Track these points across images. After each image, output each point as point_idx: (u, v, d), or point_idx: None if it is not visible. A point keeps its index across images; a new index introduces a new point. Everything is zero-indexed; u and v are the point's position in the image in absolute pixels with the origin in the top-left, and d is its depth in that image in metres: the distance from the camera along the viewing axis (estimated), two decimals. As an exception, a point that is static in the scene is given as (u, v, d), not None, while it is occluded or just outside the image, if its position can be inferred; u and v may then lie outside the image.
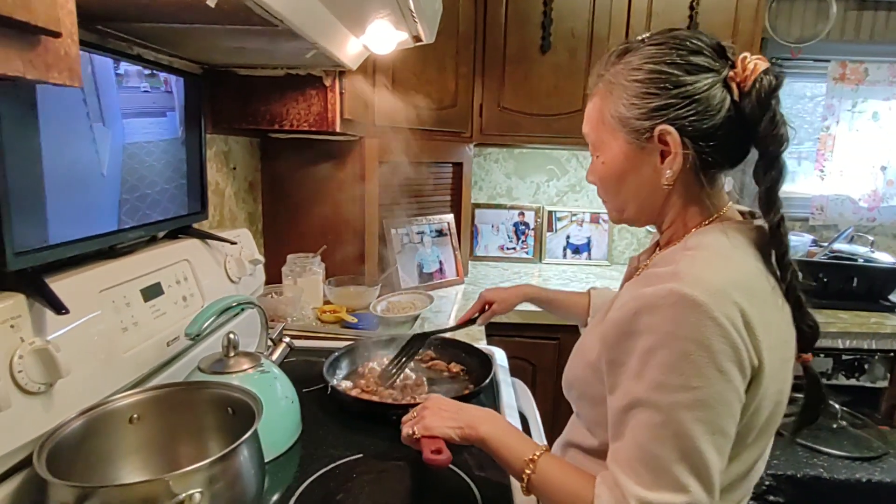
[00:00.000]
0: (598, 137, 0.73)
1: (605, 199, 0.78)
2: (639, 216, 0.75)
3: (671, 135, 0.66)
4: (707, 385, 0.57)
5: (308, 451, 0.88)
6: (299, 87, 1.29)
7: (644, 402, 0.60)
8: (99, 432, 0.70)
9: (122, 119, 0.83)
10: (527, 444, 0.70)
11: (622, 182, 0.72)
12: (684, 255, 0.65)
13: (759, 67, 0.64)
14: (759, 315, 0.60)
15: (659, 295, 0.60)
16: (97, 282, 0.78)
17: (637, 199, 0.73)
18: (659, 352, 0.59)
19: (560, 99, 1.96)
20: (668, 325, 0.58)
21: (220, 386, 0.78)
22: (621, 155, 0.70)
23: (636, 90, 0.67)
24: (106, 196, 0.81)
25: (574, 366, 0.78)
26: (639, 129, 0.68)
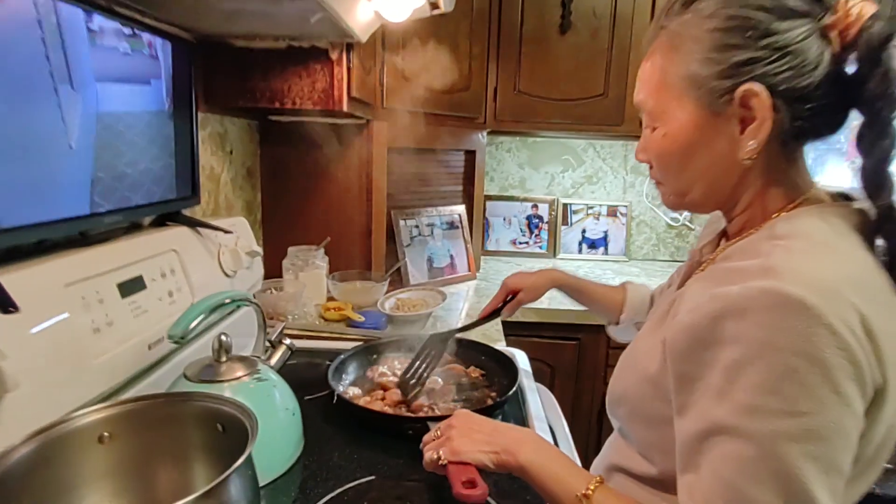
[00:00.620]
0: (657, 105, 0.61)
1: (663, 181, 0.65)
2: (705, 200, 0.63)
3: (758, 96, 0.53)
4: (820, 410, 0.45)
5: (311, 473, 0.76)
6: (302, 60, 1.16)
7: (731, 430, 0.48)
8: (59, 456, 0.58)
9: (96, 83, 0.71)
10: (577, 474, 0.58)
11: (689, 158, 0.60)
12: (774, 245, 0.53)
13: (865, 13, 0.52)
14: (880, 320, 0.48)
15: (749, 295, 0.48)
16: (62, 274, 0.65)
17: (706, 179, 0.61)
18: (751, 367, 0.47)
19: (580, 83, 1.84)
20: (765, 334, 0.47)
21: (208, 398, 0.66)
22: (690, 124, 0.58)
23: (713, 42, 0.55)
24: (75, 173, 0.68)
25: (625, 378, 0.66)
26: (716, 91, 0.56)
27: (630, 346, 0.70)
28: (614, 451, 0.71)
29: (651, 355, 0.61)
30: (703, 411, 0.50)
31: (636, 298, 1.01)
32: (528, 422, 0.93)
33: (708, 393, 0.50)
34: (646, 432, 0.63)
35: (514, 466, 0.60)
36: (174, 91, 0.89)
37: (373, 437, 0.84)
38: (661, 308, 0.66)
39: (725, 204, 0.63)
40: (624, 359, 0.70)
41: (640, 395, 0.62)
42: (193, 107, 0.95)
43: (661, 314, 0.65)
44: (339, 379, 0.98)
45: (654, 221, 2.32)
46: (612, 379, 0.71)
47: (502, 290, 1.08)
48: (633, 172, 2.29)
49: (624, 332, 1.04)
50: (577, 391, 1.68)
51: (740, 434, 0.47)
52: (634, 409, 0.64)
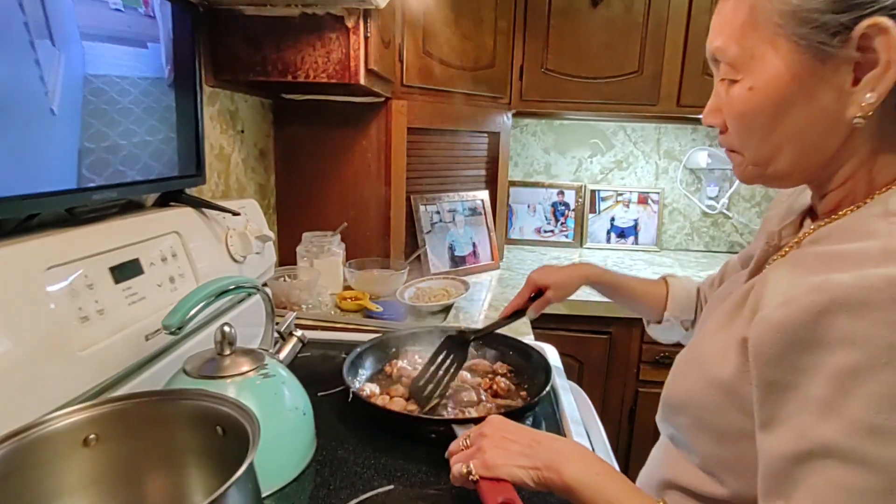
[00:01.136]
0: (742, 51, 0.50)
1: (741, 147, 0.54)
2: (794, 170, 0.52)
3: (887, 34, 0.43)
4: None
5: (323, 480, 0.68)
6: (317, 29, 1.08)
7: (842, 454, 0.39)
8: (36, 462, 0.51)
9: (82, 41, 0.63)
10: (636, 497, 0.49)
11: (781, 116, 0.49)
12: (893, 223, 0.43)
13: None
14: None
15: (868, 286, 0.38)
16: (43, 256, 0.58)
17: (800, 143, 0.50)
18: (872, 375, 0.38)
19: (612, 60, 1.72)
20: (891, 335, 0.37)
21: (206, 397, 0.58)
22: (786, 73, 0.48)
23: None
24: (59, 142, 0.61)
25: (687, 382, 0.57)
26: (827, 28, 0.45)
27: (692, 346, 0.60)
28: (668, 464, 0.61)
29: (723, 357, 0.51)
30: (802, 428, 0.41)
31: (680, 293, 0.91)
32: (563, 426, 0.83)
33: (808, 406, 0.41)
34: (714, 447, 0.53)
35: (559, 485, 0.51)
36: (175, 58, 0.81)
37: (392, 440, 0.76)
38: (732, 301, 0.56)
39: (819, 175, 0.52)
40: (684, 360, 0.60)
41: (709, 405, 0.53)
42: (198, 77, 0.87)
43: (732, 307, 0.55)
44: (354, 374, 0.90)
45: (688, 209, 2.19)
46: (670, 382, 0.61)
47: (527, 287, 0.96)
48: (666, 157, 2.16)
49: (667, 332, 0.93)
50: (608, 389, 1.58)
51: (856, 459, 0.38)
52: (700, 419, 0.54)
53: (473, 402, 0.83)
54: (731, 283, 0.68)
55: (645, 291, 0.95)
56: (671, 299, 0.92)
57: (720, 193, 2.13)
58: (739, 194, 2.15)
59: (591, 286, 0.98)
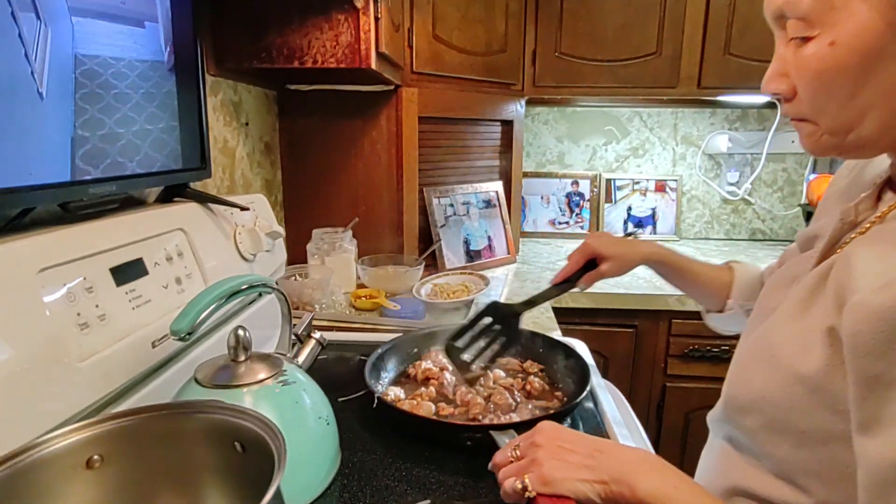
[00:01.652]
0: (819, 1, 0.44)
1: (816, 114, 0.48)
2: (880, 135, 0.46)
3: None
4: None
5: (352, 495, 0.62)
6: (324, 10, 1.01)
7: None
8: (36, 487, 0.45)
9: (71, 17, 0.56)
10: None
11: (869, 74, 0.43)
12: None
13: None
14: None
15: None
16: (36, 256, 0.52)
17: (892, 103, 0.44)
18: None
19: (629, 41, 1.64)
20: None
21: (223, 410, 0.52)
22: (879, 22, 0.42)
23: None
24: (48, 128, 0.54)
25: (759, 378, 0.50)
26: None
27: (758, 337, 0.54)
28: (732, 469, 0.55)
29: (803, 349, 0.46)
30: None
31: (746, 280, 0.83)
32: (606, 428, 0.77)
33: None
34: (795, 451, 0.47)
35: (630, 501, 0.45)
36: (175, 40, 0.75)
37: (423, 449, 0.70)
38: (807, 285, 0.50)
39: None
40: (751, 353, 0.54)
41: (788, 404, 0.47)
42: (200, 62, 0.81)
43: (807, 293, 0.49)
44: (377, 377, 0.84)
45: (707, 196, 2.12)
46: (734, 379, 0.55)
47: (582, 254, 0.86)
48: (683, 143, 2.09)
49: (730, 321, 0.86)
50: (634, 384, 1.51)
51: None
52: (776, 420, 0.48)
53: (510, 405, 0.77)
54: (792, 266, 0.62)
55: (710, 276, 0.86)
56: (736, 285, 0.84)
57: (741, 179, 2.06)
58: (761, 179, 2.08)
59: (650, 266, 0.88)
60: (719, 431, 0.59)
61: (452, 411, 0.77)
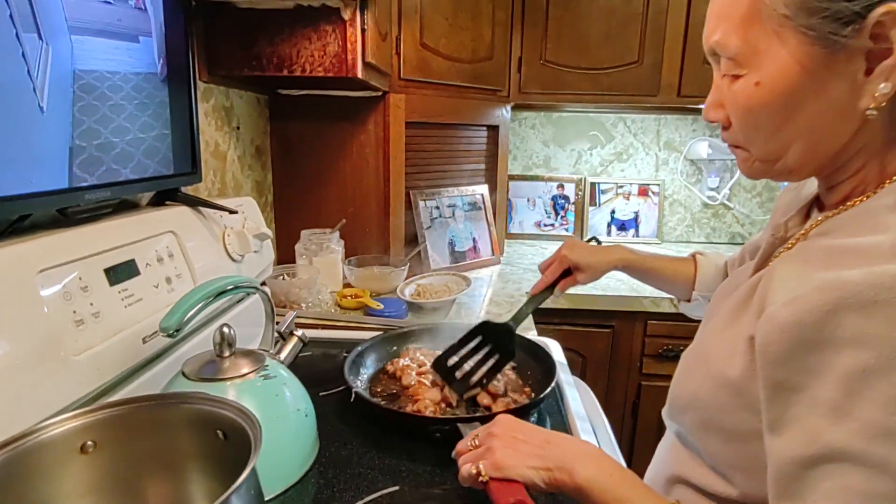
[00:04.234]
0: (746, 44, 0.48)
1: (747, 143, 0.53)
2: (804, 164, 0.51)
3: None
4: None
5: (327, 482, 0.67)
6: (312, 21, 1.05)
7: (854, 457, 0.38)
8: (33, 470, 0.50)
9: (70, 35, 0.61)
10: (650, 498, 0.48)
11: (790, 111, 0.47)
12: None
13: None
14: None
15: (878, 283, 0.37)
16: (35, 259, 0.56)
17: (810, 137, 0.48)
18: (885, 377, 0.37)
19: (612, 50, 1.69)
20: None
21: (206, 401, 0.56)
22: (795, 66, 0.46)
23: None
24: (48, 140, 0.59)
25: (694, 380, 0.55)
26: (838, 18, 0.43)
27: (698, 342, 0.59)
28: (676, 461, 0.60)
29: (730, 355, 0.50)
30: (812, 431, 0.40)
31: (709, 270, 0.89)
32: (569, 422, 0.82)
33: (818, 408, 0.40)
34: (723, 447, 0.52)
35: (571, 487, 0.50)
36: (168, 52, 0.79)
37: (396, 440, 0.75)
38: (739, 295, 0.55)
39: (829, 167, 0.51)
40: (692, 356, 0.59)
41: (716, 404, 0.51)
42: (192, 72, 0.85)
43: (737, 303, 0.54)
44: (356, 373, 0.88)
45: (689, 201, 2.17)
46: (677, 379, 0.60)
47: (558, 263, 0.92)
48: (666, 148, 2.14)
49: (697, 308, 0.93)
50: (611, 382, 1.57)
51: (870, 463, 0.37)
52: (708, 419, 0.53)
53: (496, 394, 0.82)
54: (736, 276, 0.67)
55: (675, 271, 0.93)
56: (699, 277, 0.90)
57: (721, 184, 2.12)
58: (740, 185, 2.14)
59: (623, 270, 0.94)
60: (671, 427, 0.65)
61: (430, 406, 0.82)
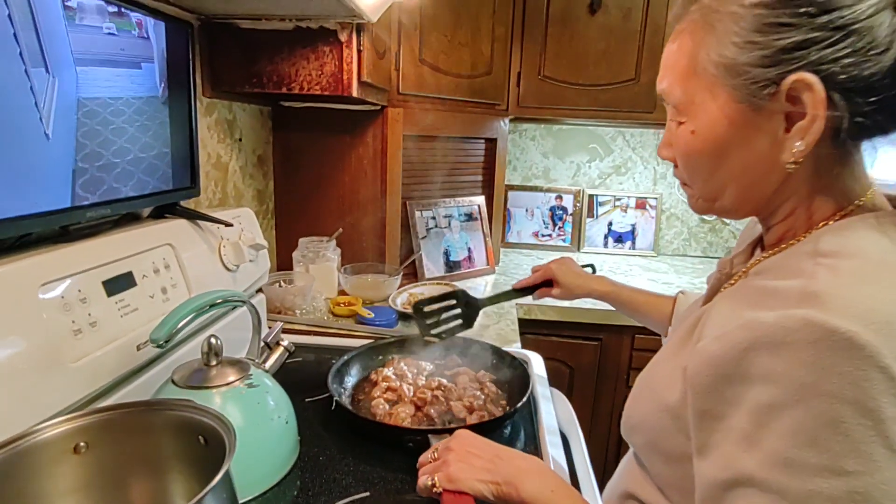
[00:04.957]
0: (685, 95, 0.52)
1: (690, 183, 0.57)
2: (738, 206, 0.55)
3: (811, 89, 0.45)
4: (869, 470, 0.38)
5: (303, 485, 0.72)
6: (311, 42, 1.10)
7: (760, 483, 0.41)
8: (27, 469, 0.55)
9: (76, 66, 0.66)
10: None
11: (721, 159, 0.52)
12: (818, 264, 0.45)
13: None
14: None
15: (788, 327, 0.41)
16: (38, 273, 0.61)
17: (740, 184, 0.52)
18: (787, 412, 0.40)
19: (609, 67, 1.73)
20: (805, 375, 0.39)
21: (189, 408, 0.61)
22: (724, 120, 0.50)
23: (757, 20, 0.46)
24: (53, 164, 0.64)
25: (642, 406, 0.59)
26: (757, 82, 0.47)
27: (648, 368, 0.63)
28: (630, 477, 0.64)
29: (671, 383, 0.54)
30: (728, 458, 0.44)
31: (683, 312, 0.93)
32: (540, 434, 0.86)
33: (732, 437, 0.43)
34: (663, 467, 0.56)
35: (516, 501, 0.54)
36: (170, 75, 0.84)
37: (371, 448, 0.79)
38: (685, 327, 0.58)
39: (763, 210, 0.55)
40: (641, 382, 0.63)
41: (658, 428, 0.55)
42: (192, 93, 0.90)
43: (684, 334, 0.58)
44: (340, 381, 0.93)
45: (686, 215, 2.19)
46: (629, 402, 0.64)
47: (542, 274, 1.03)
48: (664, 163, 2.16)
49: None
50: (598, 393, 1.60)
51: (771, 489, 0.40)
52: (651, 440, 0.57)
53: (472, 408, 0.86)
54: (690, 309, 0.70)
55: (653, 307, 0.98)
56: (675, 315, 0.94)
57: (718, 199, 2.13)
58: (738, 200, 2.15)
59: (601, 300, 1.03)
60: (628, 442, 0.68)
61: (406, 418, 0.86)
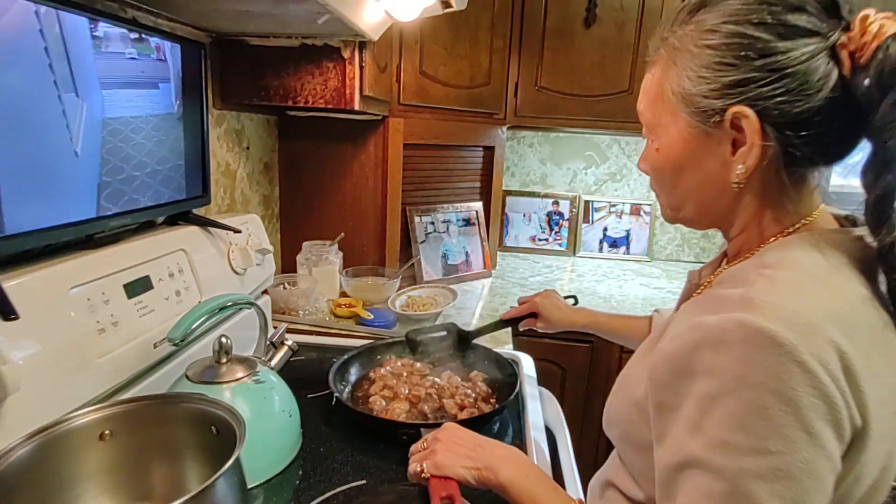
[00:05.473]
0: (654, 117, 0.60)
1: (659, 194, 0.64)
2: (698, 218, 0.61)
3: (748, 119, 0.51)
4: (789, 450, 0.44)
5: (306, 473, 0.78)
6: (315, 59, 1.17)
7: (703, 464, 0.47)
8: (59, 453, 0.61)
9: (101, 90, 0.72)
10: (556, 496, 0.59)
11: (679, 175, 0.59)
12: (760, 274, 0.51)
13: (885, 31, 0.48)
14: (865, 358, 0.46)
15: (725, 328, 0.47)
16: (67, 277, 0.68)
17: (697, 199, 0.59)
18: (723, 401, 0.46)
19: (604, 78, 1.79)
20: (737, 368, 0.46)
21: (202, 401, 0.68)
22: (681, 141, 0.57)
23: (707, 59, 0.53)
24: (81, 179, 0.71)
25: (617, 401, 0.66)
26: (706, 110, 0.54)
27: (625, 369, 0.69)
28: (612, 467, 0.70)
29: (639, 380, 0.60)
30: (678, 443, 0.50)
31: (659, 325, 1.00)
32: (526, 430, 0.92)
33: (683, 424, 0.50)
34: (635, 457, 0.62)
35: (495, 484, 0.60)
36: (184, 93, 0.91)
37: (368, 441, 0.85)
38: (657, 332, 0.65)
39: (721, 223, 0.61)
40: (619, 380, 0.69)
41: (629, 420, 0.61)
42: (204, 108, 0.97)
43: (654, 338, 0.64)
44: (340, 379, 0.99)
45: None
46: (609, 399, 0.70)
47: (528, 307, 1.11)
48: (658, 170, 2.22)
49: None
50: (589, 393, 1.66)
51: (711, 468, 0.47)
52: (624, 433, 0.63)
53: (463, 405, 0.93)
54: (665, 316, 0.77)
55: (631, 329, 1.06)
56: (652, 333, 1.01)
57: (711, 206, 2.19)
58: (730, 207, 2.21)
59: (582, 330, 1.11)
60: None
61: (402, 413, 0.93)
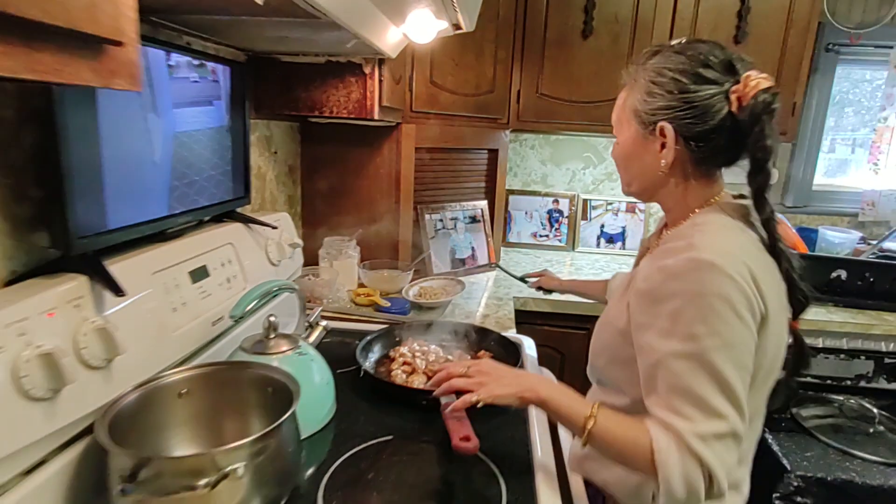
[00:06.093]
0: (618, 121, 0.86)
1: (620, 174, 0.89)
2: (642, 192, 0.87)
3: (669, 131, 0.77)
4: (731, 330, 0.68)
5: (341, 430, 0.92)
6: (339, 74, 1.31)
7: (674, 354, 0.69)
8: (152, 405, 0.76)
9: (173, 109, 0.87)
10: (584, 402, 0.78)
11: (630, 162, 0.84)
12: (695, 229, 0.76)
13: (759, 86, 0.72)
14: (762, 272, 0.71)
15: (681, 264, 0.70)
16: (150, 264, 0.83)
17: (641, 178, 0.84)
18: (687, 310, 0.68)
19: (600, 86, 1.92)
20: (694, 287, 0.68)
21: (262, 367, 0.82)
22: (630, 139, 0.83)
23: (650, 89, 0.78)
24: (158, 183, 0.85)
25: (602, 336, 0.87)
26: (645, 122, 0.79)
27: (603, 314, 0.90)
28: (593, 397, 0.90)
29: (619, 315, 0.81)
30: (655, 348, 0.71)
31: (615, 282, 1.29)
32: (528, 399, 1.07)
33: (658, 334, 0.71)
34: (620, 371, 0.82)
35: (537, 401, 0.78)
36: (231, 108, 1.05)
37: (392, 406, 1.00)
38: (622, 283, 0.87)
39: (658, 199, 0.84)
40: (599, 324, 0.90)
41: (615, 345, 0.82)
42: (246, 120, 1.11)
43: (622, 287, 0.86)
44: (365, 356, 1.13)
45: (673, 218, 2.39)
46: (593, 340, 0.90)
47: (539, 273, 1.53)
48: (652, 170, 2.36)
49: None
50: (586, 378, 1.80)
51: (682, 355, 0.68)
52: (612, 356, 0.83)
53: None
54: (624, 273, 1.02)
55: (597, 289, 1.36)
56: (609, 287, 1.30)
57: (701, 204, 2.33)
58: (720, 205, 2.34)
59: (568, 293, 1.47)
60: (593, 378, 0.93)
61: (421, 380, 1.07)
